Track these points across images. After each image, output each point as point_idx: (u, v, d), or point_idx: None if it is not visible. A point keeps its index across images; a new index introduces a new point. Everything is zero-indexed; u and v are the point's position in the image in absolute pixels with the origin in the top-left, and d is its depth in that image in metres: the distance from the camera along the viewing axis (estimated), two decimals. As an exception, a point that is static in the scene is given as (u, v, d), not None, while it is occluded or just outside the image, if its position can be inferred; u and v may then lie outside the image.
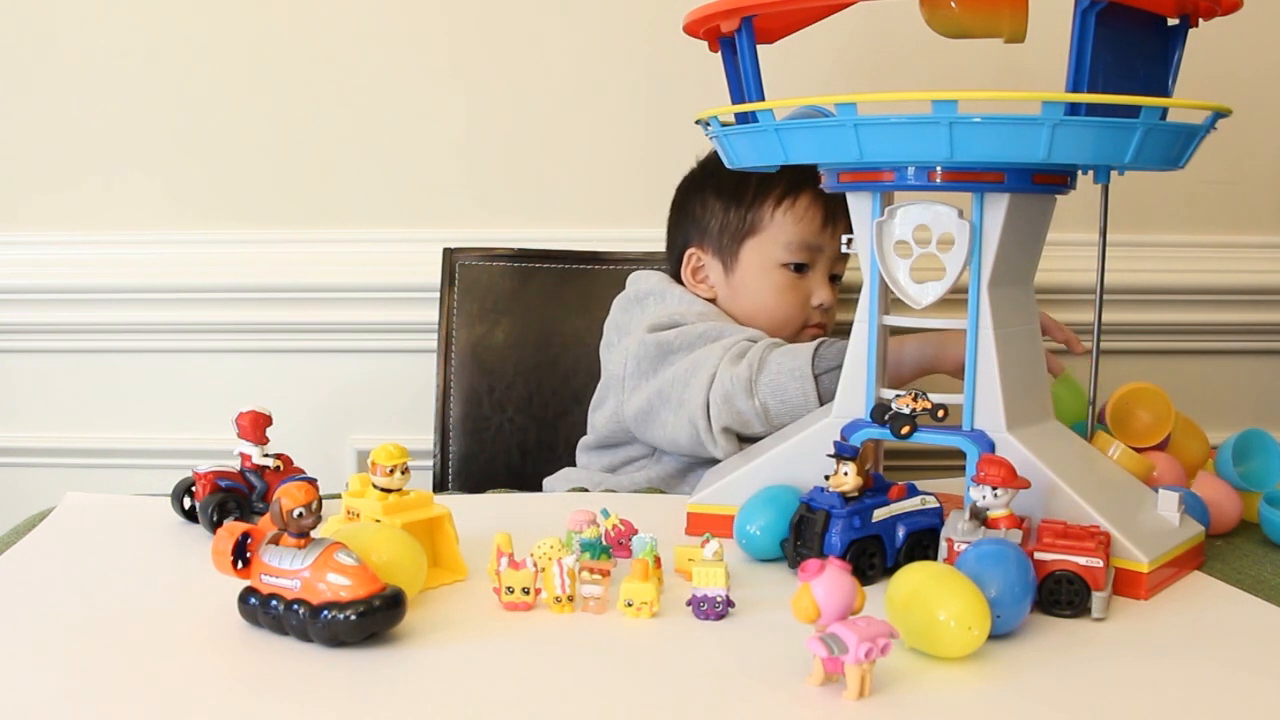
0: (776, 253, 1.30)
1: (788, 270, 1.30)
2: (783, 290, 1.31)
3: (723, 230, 1.33)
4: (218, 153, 1.56)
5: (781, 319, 1.31)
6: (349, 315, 1.56)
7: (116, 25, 1.53)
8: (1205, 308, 1.61)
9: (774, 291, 1.31)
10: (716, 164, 1.30)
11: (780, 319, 1.31)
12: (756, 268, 1.31)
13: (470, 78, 1.55)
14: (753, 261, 1.31)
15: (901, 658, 0.69)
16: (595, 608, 0.77)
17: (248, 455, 0.97)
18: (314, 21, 1.54)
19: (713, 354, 1.15)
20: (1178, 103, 0.80)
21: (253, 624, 0.73)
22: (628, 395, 1.23)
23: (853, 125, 0.80)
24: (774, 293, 1.31)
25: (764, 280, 1.31)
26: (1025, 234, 0.88)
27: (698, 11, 0.91)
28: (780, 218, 1.30)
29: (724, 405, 1.12)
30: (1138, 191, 1.56)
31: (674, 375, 1.17)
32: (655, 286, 1.33)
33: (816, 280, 1.31)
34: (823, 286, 1.32)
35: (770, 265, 1.30)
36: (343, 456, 1.59)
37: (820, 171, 0.92)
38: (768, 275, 1.31)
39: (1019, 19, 0.91)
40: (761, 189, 1.31)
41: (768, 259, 1.30)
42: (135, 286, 1.55)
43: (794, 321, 1.31)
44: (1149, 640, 0.74)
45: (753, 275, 1.31)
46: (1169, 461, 0.99)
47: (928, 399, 0.86)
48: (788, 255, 1.30)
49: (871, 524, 0.84)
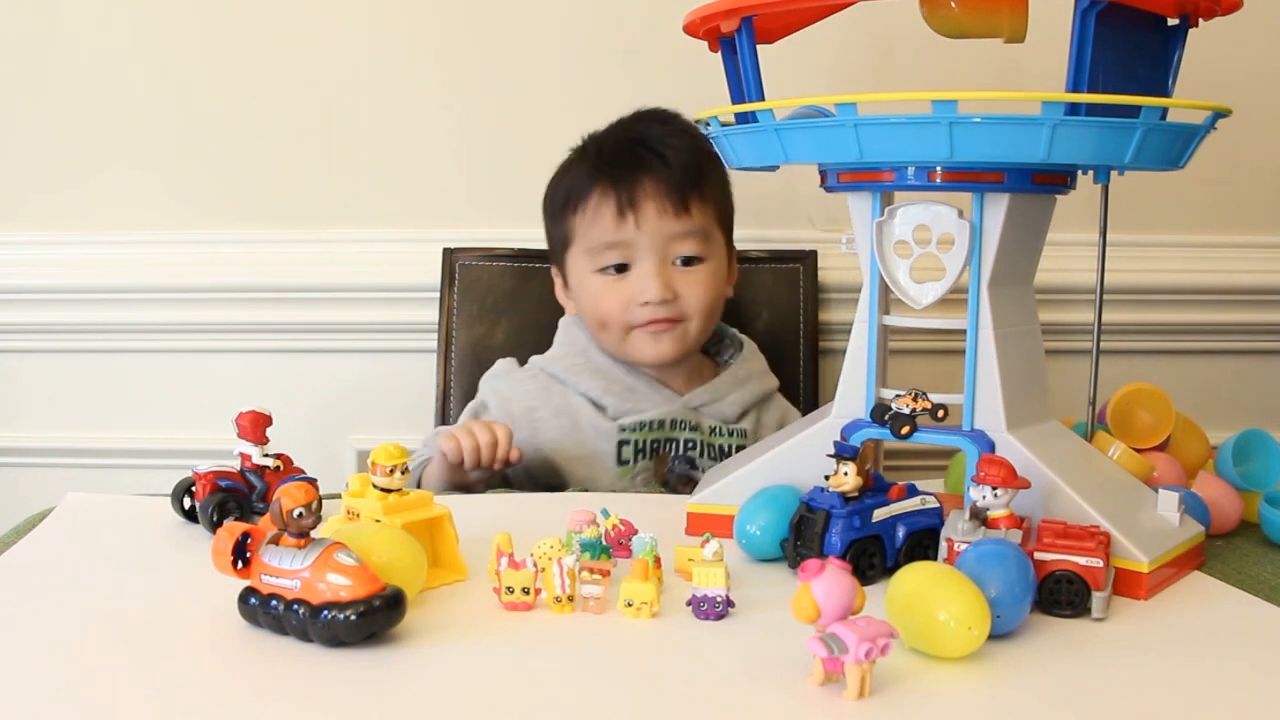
0: (586, 260, 1.26)
1: (606, 274, 1.25)
2: (601, 296, 1.25)
3: (553, 248, 1.32)
4: (218, 153, 1.56)
5: (605, 324, 1.26)
6: (349, 315, 1.56)
7: (117, 25, 1.53)
8: (1205, 308, 1.61)
9: (593, 299, 1.26)
10: (552, 178, 1.32)
11: (603, 323, 1.26)
12: (579, 277, 1.28)
13: (470, 78, 1.55)
14: (575, 273, 1.29)
15: (901, 658, 0.69)
16: (595, 608, 0.77)
17: (248, 455, 0.97)
18: (314, 21, 1.54)
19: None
20: (1178, 103, 0.80)
21: (253, 624, 0.73)
22: None
23: (853, 125, 0.80)
24: (593, 300, 1.26)
25: (585, 289, 1.27)
26: (1025, 234, 0.88)
27: (698, 11, 0.91)
28: (578, 224, 1.27)
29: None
30: (1138, 191, 1.56)
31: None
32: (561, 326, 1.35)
33: (642, 275, 1.24)
34: (650, 280, 1.23)
35: (587, 272, 1.26)
36: (343, 456, 1.59)
37: (820, 171, 0.92)
38: (588, 282, 1.27)
39: (1019, 19, 0.91)
40: (560, 198, 1.29)
41: (584, 267, 1.27)
42: (135, 286, 1.55)
43: (617, 326, 1.26)
44: (1149, 640, 0.74)
45: (579, 285, 1.28)
46: (1169, 461, 0.99)
47: (928, 399, 0.86)
48: (595, 259, 1.25)
49: (871, 524, 0.84)
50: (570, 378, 1.28)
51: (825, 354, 1.52)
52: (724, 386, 1.29)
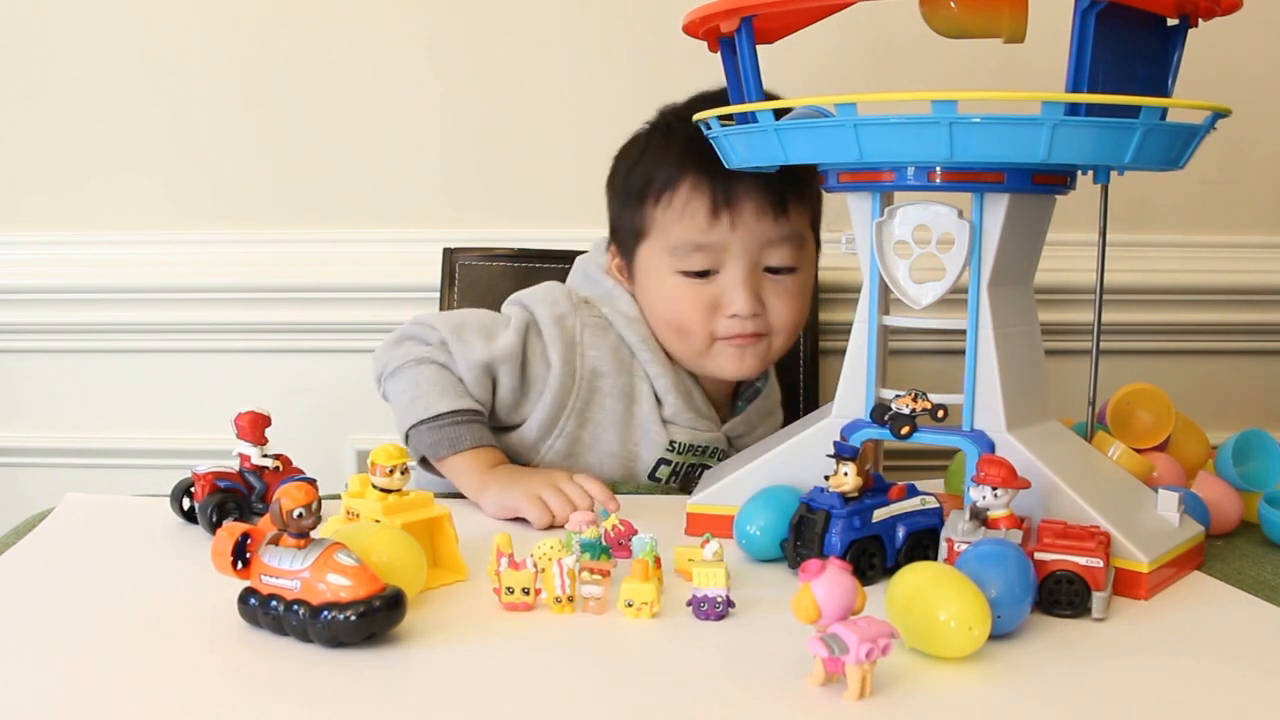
0: (665, 258, 1.12)
1: (686, 276, 1.11)
2: (679, 300, 1.11)
3: (619, 232, 1.18)
4: (218, 153, 1.56)
5: (684, 331, 1.12)
6: (349, 315, 1.56)
7: (117, 26, 1.53)
8: (1205, 308, 1.61)
9: (670, 302, 1.12)
10: (623, 151, 1.20)
11: (682, 331, 1.13)
12: (653, 274, 1.13)
13: (470, 78, 1.55)
14: (648, 268, 1.14)
15: (902, 658, 0.69)
16: (595, 608, 0.77)
17: (247, 456, 0.97)
18: (314, 22, 1.54)
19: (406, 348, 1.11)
20: (1178, 103, 0.80)
21: (253, 624, 0.73)
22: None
23: (853, 125, 0.80)
24: (670, 303, 1.12)
25: (660, 289, 1.13)
26: (1025, 234, 0.88)
27: (698, 11, 0.91)
28: (660, 217, 1.12)
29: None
30: (1138, 191, 1.56)
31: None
32: (597, 267, 1.21)
33: (727, 283, 1.10)
34: (737, 289, 1.10)
35: (664, 271, 1.12)
36: (343, 456, 1.59)
37: (820, 171, 0.92)
38: (663, 282, 1.12)
39: (1019, 19, 0.91)
40: (638, 182, 1.14)
41: (659, 265, 1.12)
42: (135, 286, 1.55)
43: (698, 336, 1.12)
44: (1149, 640, 0.74)
45: (651, 282, 1.14)
46: (1169, 462, 0.99)
47: (928, 399, 0.86)
48: (678, 261, 1.11)
49: (871, 524, 0.84)
50: (641, 351, 1.14)
51: (825, 354, 1.52)
52: (756, 417, 1.23)
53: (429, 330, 1.13)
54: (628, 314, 1.16)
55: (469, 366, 1.10)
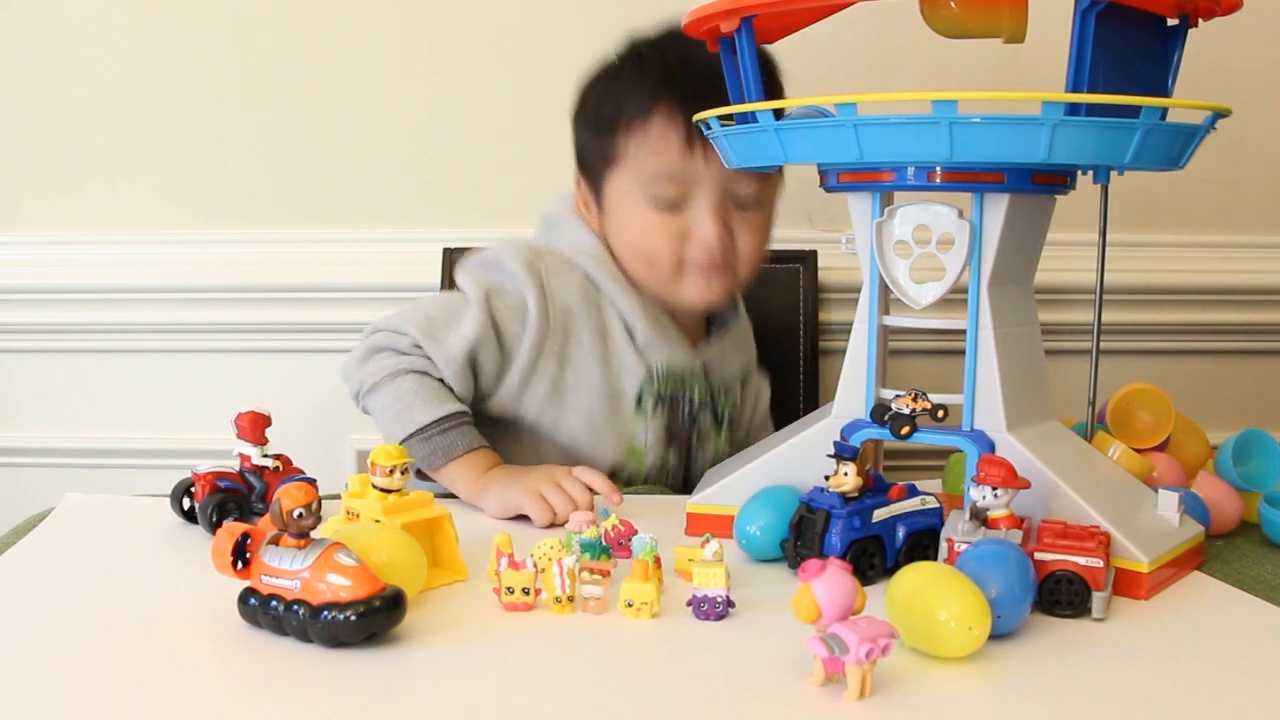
0: (636, 188, 1.12)
1: (656, 207, 1.12)
2: (648, 230, 1.12)
3: (588, 160, 1.18)
4: (217, 153, 1.56)
5: (652, 261, 1.14)
6: (349, 315, 1.56)
7: (116, 26, 1.53)
8: (1205, 308, 1.61)
9: (639, 232, 1.13)
10: (592, 80, 1.19)
11: (651, 260, 1.14)
12: (622, 204, 1.14)
13: (470, 77, 1.55)
14: (618, 197, 1.14)
15: (902, 658, 0.69)
16: (595, 608, 0.77)
17: (247, 456, 0.97)
18: (314, 22, 1.54)
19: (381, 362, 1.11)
20: (1178, 103, 0.80)
21: (253, 624, 0.73)
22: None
23: (853, 125, 0.80)
24: (639, 233, 1.13)
25: (629, 218, 1.14)
26: (1025, 234, 0.88)
27: (698, 11, 0.91)
28: (632, 146, 1.12)
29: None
30: (1138, 191, 1.56)
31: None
32: (558, 214, 1.21)
33: (696, 214, 1.11)
34: (706, 220, 1.11)
35: (634, 202, 1.13)
36: (343, 456, 1.59)
37: (820, 171, 0.92)
38: (634, 213, 1.13)
39: (1019, 19, 0.91)
40: (609, 110, 1.14)
41: (631, 195, 1.13)
42: (135, 286, 1.55)
43: (666, 264, 1.13)
44: (1149, 640, 0.74)
45: (620, 213, 1.15)
46: (1169, 462, 0.99)
47: (928, 399, 0.86)
48: (649, 191, 1.11)
49: (871, 524, 0.84)
50: (607, 285, 1.15)
51: (825, 354, 1.52)
52: (730, 346, 1.25)
53: (398, 337, 1.12)
54: (591, 252, 1.16)
55: (449, 361, 1.09)
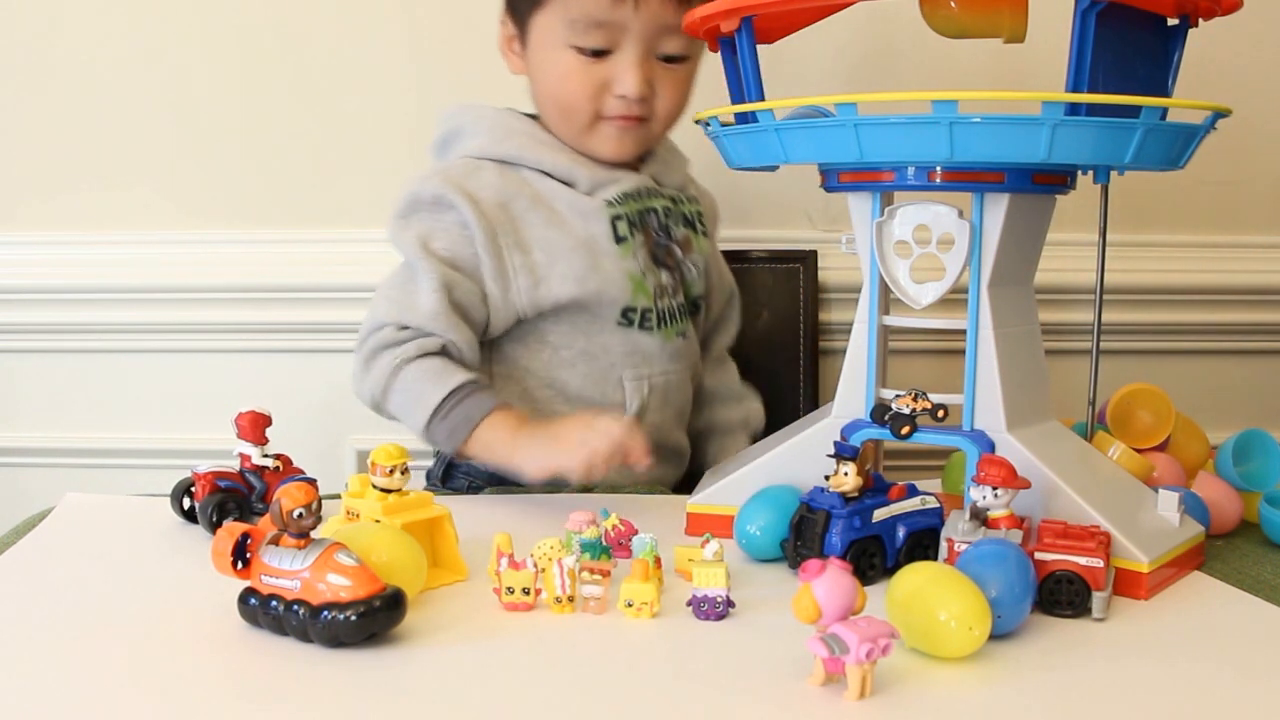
0: (562, 29, 1.10)
1: (580, 53, 1.10)
2: (569, 75, 1.11)
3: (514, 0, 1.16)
4: (217, 153, 1.56)
5: (568, 109, 1.13)
6: (349, 315, 1.55)
7: (116, 26, 1.53)
8: (1205, 308, 1.61)
9: (560, 77, 1.12)
10: None
11: (567, 107, 1.13)
12: (545, 46, 1.12)
13: (470, 77, 1.55)
14: (542, 38, 1.13)
15: (902, 658, 0.69)
16: (595, 608, 0.77)
17: (247, 456, 0.97)
18: (313, 22, 1.53)
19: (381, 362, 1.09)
20: (1178, 103, 0.80)
21: (253, 624, 0.73)
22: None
23: (853, 125, 0.80)
24: (559, 78, 1.12)
25: (552, 62, 1.12)
26: (1025, 234, 0.88)
27: (698, 11, 0.91)
28: None
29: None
30: (1138, 191, 1.56)
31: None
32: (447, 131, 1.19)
33: (621, 64, 1.10)
34: (629, 71, 1.10)
35: (558, 45, 1.11)
36: (343, 456, 1.59)
37: (820, 171, 0.92)
38: (556, 56, 1.11)
39: (1019, 19, 0.91)
40: None
41: (555, 37, 1.11)
42: (135, 286, 1.55)
43: (583, 113, 1.12)
44: (1149, 640, 0.74)
45: (542, 55, 1.13)
46: (1169, 461, 0.99)
47: (928, 399, 0.86)
48: (574, 35, 1.10)
49: (872, 524, 0.84)
50: (526, 155, 1.14)
51: (825, 354, 1.52)
52: (667, 154, 1.23)
53: (381, 333, 1.11)
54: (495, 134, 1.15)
55: (433, 318, 1.08)
